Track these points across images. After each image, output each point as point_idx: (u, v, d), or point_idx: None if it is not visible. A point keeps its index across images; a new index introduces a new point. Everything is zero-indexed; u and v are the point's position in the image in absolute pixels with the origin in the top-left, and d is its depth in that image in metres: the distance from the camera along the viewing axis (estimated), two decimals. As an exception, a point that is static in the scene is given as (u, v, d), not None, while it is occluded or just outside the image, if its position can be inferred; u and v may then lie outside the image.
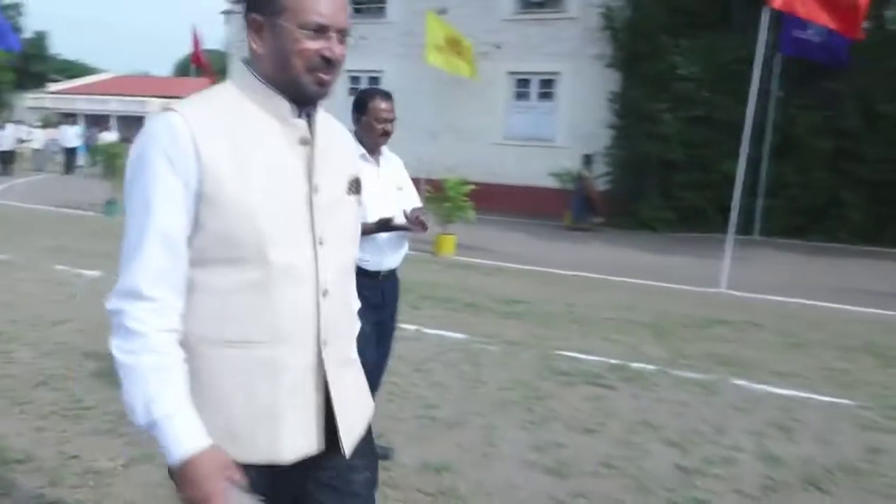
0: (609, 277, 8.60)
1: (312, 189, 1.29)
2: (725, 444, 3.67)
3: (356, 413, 1.42)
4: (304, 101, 1.29)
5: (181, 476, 1.16)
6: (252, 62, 1.29)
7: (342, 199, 1.36)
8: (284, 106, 1.28)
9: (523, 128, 16.60)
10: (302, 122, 1.31)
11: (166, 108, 1.23)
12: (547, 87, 16.55)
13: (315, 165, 1.30)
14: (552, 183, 14.69)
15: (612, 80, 14.83)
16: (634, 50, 14.25)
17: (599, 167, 14.42)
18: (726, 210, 8.49)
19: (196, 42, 18.78)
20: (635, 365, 4.90)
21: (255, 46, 1.27)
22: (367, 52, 16.74)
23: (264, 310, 1.25)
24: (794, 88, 12.75)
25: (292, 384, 1.30)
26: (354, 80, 17.69)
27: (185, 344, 1.24)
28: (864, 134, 12.47)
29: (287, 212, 1.26)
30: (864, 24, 8.59)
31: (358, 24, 16.80)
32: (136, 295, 1.19)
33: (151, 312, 1.18)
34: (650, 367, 4.90)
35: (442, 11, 15.19)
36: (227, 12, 19.75)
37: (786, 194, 12.92)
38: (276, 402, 1.29)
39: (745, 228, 11.18)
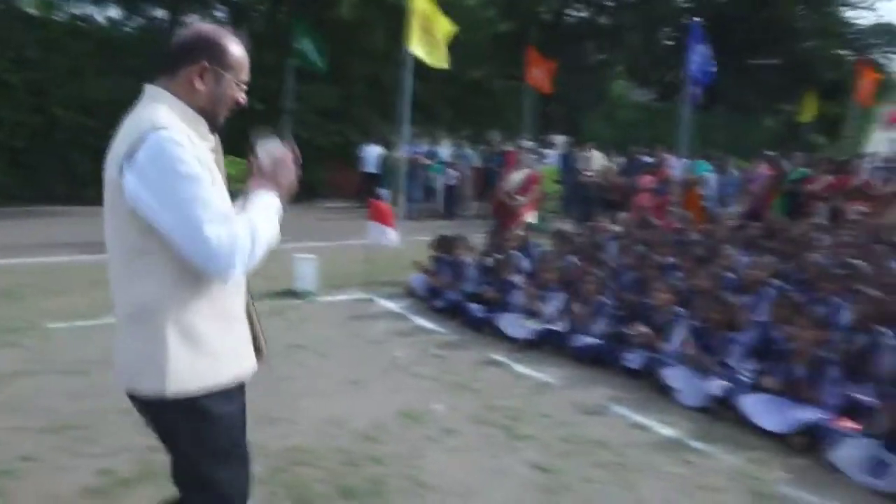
0: None
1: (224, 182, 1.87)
2: None
3: None
4: (213, 126, 1.88)
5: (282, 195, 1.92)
6: (181, 93, 1.81)
7: None
8: (205, 126, 1.85)
9: None
10: (214, 137, 1.90)
11: (160, 127, 1.69)
12: None
13: (221, 167, 1.90)
14: None
15: None
16: None
17: None
18: None
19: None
20: None
21: (197, 84, 1.81)
22: None
23: None
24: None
25: (241, 323, 1.95)
26: None
27: (181, 308, 1.76)
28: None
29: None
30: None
31: None
32: (228, 218, 1.71)
33: (235, 220, 1.74)
34: None
35: None
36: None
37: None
38: (242, 335, 1.94)
39: None
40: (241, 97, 1.89)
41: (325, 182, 16.23)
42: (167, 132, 1.68)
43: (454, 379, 4.80)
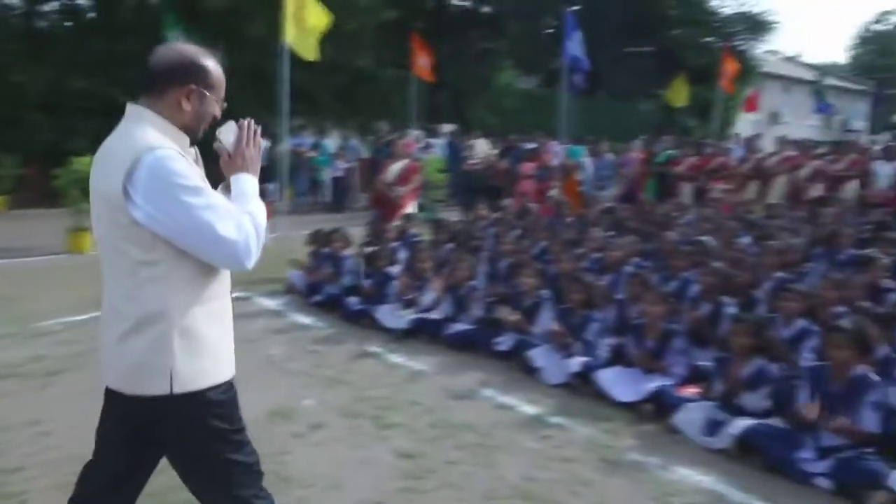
0: None
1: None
2: None
3: None
4: (192, 140, 2.00)
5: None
6: (167, 112, 1.95)
7: None
8: (187, 141, 1.98)
9: None
10: (194, 150, 2.01)
11: (154, 147, 1.85)
12: None
13: (203, 177, 1.96)
14: None
15: None
16: None
17: None
18: None
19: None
20: None
21: (184, 105, 1.95)
22: None
23: (222, 274, 2.02)
24: None
25: (230, 322, 2.09)
26: None
27: (185, 313, 1.92)
28: None
29: None
30: None
31: None
32: (231, 213, 1.90)
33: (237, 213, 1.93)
34: None
35: None
36: None
37: None
38: (228, 335, 2.07)
39: None
40: (218, 113, 2.06)
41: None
42: (162, 151, 1.84)
43: (327, 373, 4.81)
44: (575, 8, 16.16)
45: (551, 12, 22.89)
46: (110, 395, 2.02)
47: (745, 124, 27.81)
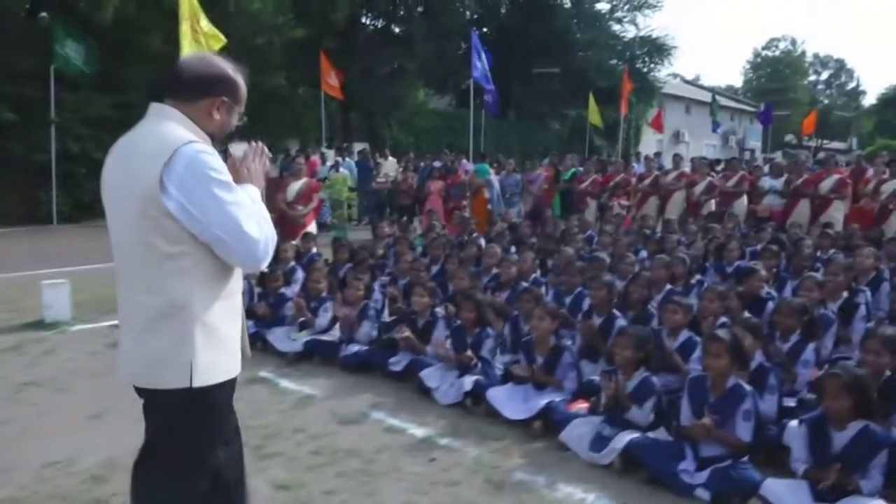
0: None
1: None
2: None
3: None
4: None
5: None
6: (197, 118, 2.05)
7: None
8: (210, 142, 2.06)
9: None
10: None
11: (190, 142, 1.93)
12: None
13: None
14: None
15: None
16: None
17: None
18: None
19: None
20: None
21: (214, 115, 2.07)
22: None
23: (238, 272, 2.09)
24: None
25: (241, 319, 2.17)
26: None
27: (206, 307, 1.97)
28: None
29: None
30: None
31: None
32: (254, 213, 1.97)
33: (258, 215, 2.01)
34: None
35: None
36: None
37: None
38: (238, 331, 2.12)
39: None
40: (235, 125, 2.18)
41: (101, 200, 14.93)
42: (198, 145, 1.93)
43: (210, 402, 4.55)
44: (483, 30, 16.43)
45: (461, 33, 23.22)
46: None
47: (649, 143, 28.97)
